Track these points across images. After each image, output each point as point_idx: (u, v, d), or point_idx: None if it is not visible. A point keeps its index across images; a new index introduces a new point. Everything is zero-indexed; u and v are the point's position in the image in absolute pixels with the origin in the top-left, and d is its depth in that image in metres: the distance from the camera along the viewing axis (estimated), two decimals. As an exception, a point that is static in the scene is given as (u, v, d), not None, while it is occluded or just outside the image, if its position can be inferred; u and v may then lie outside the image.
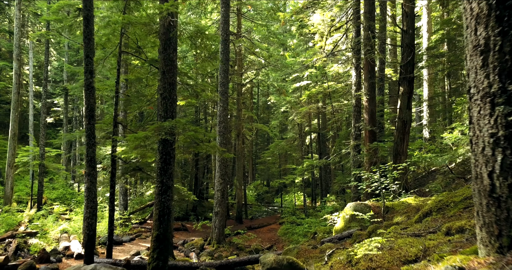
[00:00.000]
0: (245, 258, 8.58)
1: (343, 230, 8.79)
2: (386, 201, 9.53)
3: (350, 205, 9.00)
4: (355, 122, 13.44)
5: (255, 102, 45.70)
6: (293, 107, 26.35)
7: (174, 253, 13.30)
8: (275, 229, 20.15)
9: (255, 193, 35.20)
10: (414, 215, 7.48)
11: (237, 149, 22.31)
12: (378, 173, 8.63)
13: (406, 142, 12.54)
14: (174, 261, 9.15)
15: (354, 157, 13.18)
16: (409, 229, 4.95)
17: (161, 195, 7.01)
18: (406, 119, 12.49)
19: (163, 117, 7.11)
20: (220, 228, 14.56)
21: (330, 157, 17.88)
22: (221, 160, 14.71)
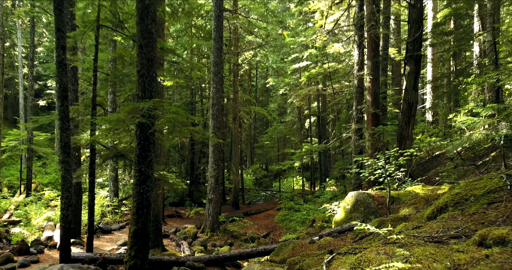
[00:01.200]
0: (236, 252, 7.86)
1: (344, 222, 8.06)
2: (391, 190, 8.77)
3: (351, 195, 8.23)
4: (357, 105, 12.57)
5: (254, 85, 44.67)
6: (292, 90, 25.38)
7: (165, 242, 12.65)
8: (273, 215, 19.53)
9: (253, 177, 34.57)
10: (423, 206, 6.71)
11: (234, 133, 21.50)
12: (383, 160, 7.84)
13: (411, 126, 11.71)
14: (159, 255, 8.45)
15: (356, 142, 12.37)
16: (423, 229, 4.16)
17: (139, 186, 6.22)
18: (412, 101, 11.63)
19: (141, 97, 6.25)
20: (214, 215, 13.89)
21: (330, 141, 17.07)
22: (214, 145, 13.90)
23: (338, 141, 13.90)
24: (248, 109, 25.05)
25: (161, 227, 11.04)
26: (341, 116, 23.41)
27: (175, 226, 15.89)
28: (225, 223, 15.53)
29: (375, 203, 7.73)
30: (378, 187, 9.03)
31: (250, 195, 28.02)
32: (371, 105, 12.06)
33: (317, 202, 16.92)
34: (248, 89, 35.99)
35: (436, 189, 7.60)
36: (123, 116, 5.67)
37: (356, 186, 12.24)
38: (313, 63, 21.91)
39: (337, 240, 6.77)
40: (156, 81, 6.47)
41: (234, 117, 21.46)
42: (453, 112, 21.09)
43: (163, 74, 10.40)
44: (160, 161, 10.96)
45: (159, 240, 10.97)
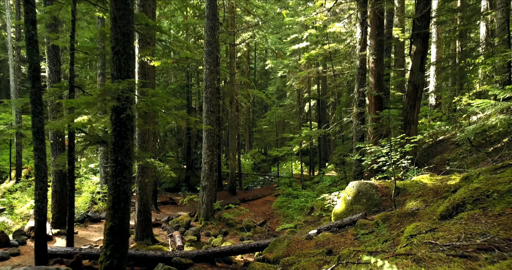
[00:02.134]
0: (227, 247, 7.25)
1: (344, 214, 7.42)
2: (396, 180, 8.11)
3: (352, 185, 7.57)
4: (359, 87, 11.80)
5: (252, 67, 43.65)
6: (291, 72, 24.49)
7: (157, 231, 12.10)
8: (270, 202, 18.99)
9: (252, 162, 34.00)
10: (432, 199, 6.05)
11: (231, 117, 20.75)
12: (388, 146, 7.15)
13: (417, 110, 10.98)
14: (144, 249, 7.85)
15: (357, 127, 11.66)
16: (440, 233, 3.48)
17: (116, 177, 5.54)
18: (418, 83, 10.86)
19: (116, 77, 5.49)
20: (208, 203, 13.30)
21: (330, 126, 16.34)
22: (208, 130, 13.19)
23: (339, 125, 13.19)
24: (246, 93, 24.23)
25: (150, 217, 10.45)
26: (342, 99, 22.62)
27: (169, 213, 15.34)
28: (220, 210, 14.98)
29: (378, 194, 7.08)
30: (381, 176, 8.37)
31: (248, 180, 27.49)
32: (374, 87, 11.29)
33: (316, 188, 16.34)
34: (247, 71, 35.05)
35: (446, 179, 6.94)
36: (92, 99, 4.94)
37: (357, 173, 11.59)
38: (313, 43, 20.97)
39: (336, 236, 6.14)
40: (134, 59, 5.70)
41: (230, 101, 20.67)
42: (458, 95, 20.31)
43: (150, 53, 9.60)
44: (148, 147, 10.28)
45: (149, 230, 10.40)
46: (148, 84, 10.24)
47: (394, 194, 6.37)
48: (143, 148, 10.16)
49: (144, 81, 8.35)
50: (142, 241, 10.20)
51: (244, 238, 12.45)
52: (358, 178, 11.60)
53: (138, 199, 10.24)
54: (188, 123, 6.61)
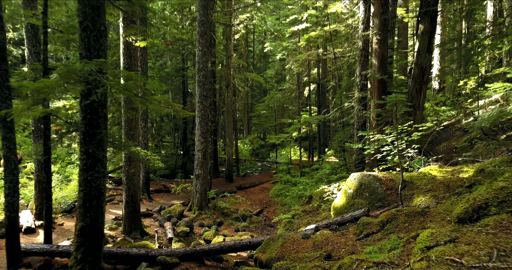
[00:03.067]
0: (217, 245, 6.66)
1: (345, 209, 6.81)
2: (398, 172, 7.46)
3: (354, 176, 6.93)
4: (361, 70, 11.04)
5: (251, 50, 42.60)
6: (290, 54, 23.57)
7: (147, 222, 11.55)
8: (268, 189, 18.45)
9: (250, 147, 33.39)
10: (444, 195, 5.41)
11: (227, 102, 19.99)
12: (393, 135, 6.48)
13: (423, 94, 10.28)
14: (128, 247, 7.26)
15: (359, 112, 10.96)
16: (463, 247, 2.84)
17: (87, 171, 4.88)
18: (425, 65, 10.11)
19: (85, 57, 4.78)
20: (202, 192, 12.72)
21: (330, 111, 15.64)
22: (201, 116, 12.49)
23: (339, 111, 12.48)
24: (243, 76, 23.41)
25: (138, 208, 9.87)
26: (343, 83, 21.82)
27: (162, 202, 14.79)
28: (215, 199, 14.42)
29: (382, 188, 6.44)
30: (385, 167, 7.73)
31: (245, 167, 26.94)
32: (377, 70, 10.54)
33: (315, 176, 15.76)
34: (245, 54, 34.07)
35: (457, 171, 6.29)
36: (51, 82, 4.23)
37: (358, 161, 10.96)
38: (313, 25, 20.04)
39: (336, 235, 5.53)
40: (106, 36, 4.95)
41: (227, 85, 19.88)
42: (464, 79, 19.52)
43: (134, 33, 8.82)
44: (135, 135, 9.60)
45: (137, 222, 9.83)
46: (134, 67, 9.49)
47: (400, 188, 5.73)
48: (130, 135, 9.49)
49: (107, 62, 7.62)
50: (130, 234, 9.65)
51: (239, 229, 11.92)
52: (359, 167, 10.98)
53: (125, 189, 9.64)
54: (173, 110, 5.91)
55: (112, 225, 10.12)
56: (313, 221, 11.13)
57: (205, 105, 12.48)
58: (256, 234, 11.33)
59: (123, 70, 5.08)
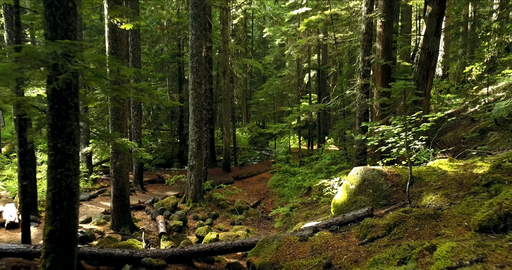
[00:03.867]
0: (206, 247, 6.14)
1: (346, 206, 6.26)
2: (404, 166, 6.90)
3: (356, 171, 6.37)
4: (364, 55, 10.36)
5: (250, 36, 41.65)
6: (289, 40, 22.75)
7: (139, 215, 11.07)
8: (266, 179, 17.96)
9: (249, 135, 32.82)
10: (457, 194, 4.85)
11: (224, 89, 19.33)
12: (400, 126, 5.91)
13: (430, 81, 9.65)
14: (110, 247, 6.73)
15: (361, 100, 10.33)
16: None
17: (55, 169, 4.31)
18: (433, 50, 9.46)
19: (50, 38, 4.16)
20: (196, 184, 12.20)
21: (331, 99, 15.00)
22: (195, 104, 11.87)
23: (340, 99, 11.85)
24: (241, 62, 22.66)
25: (128, 202, 9.34)
26: (343, 69, 21.11)
27: (156, 193, 14.29)
28: (210, 190, 13.91)
29: (387, 184, 5.89)
30: (389, 160, 7.15)
31: (244, 155, 26.42)
32: (382, 55, 9.88)
33: (315, 166, 15.22)
34: (244, 40, 33.17)
35: (470, 166, 5.73)
36: (4, 66, 3.62)
37: (360, 152, 10.39)
38: (313, 8, 19.20)
39: (337, 237, 5.00)
40: (75, 15, 4.32)
41: (223, 71, 19.18)
42: (470, 65, 18.82)
43: (119, 14, 8.14)
44: (123, 125, 9.01)
45: (126, 217, 9.32)
46: (121, 52, 8.83)
47: (408, 185, 5.17)
48: (117, 125, 8.89)
49: (74, 43, 6.98)
50: (119, 229, 9.15)
51: (235, 222, 11.45)
52: (361, 158, 10.42)
53: (113, 182, 9.09)
54: (155, 99, 5.29)
55: (100, 219, 9.62)
56: (312, 215, 10.64)
57: (199, 92, 11.84)
58: (252, 228, 10.86)
59: (95, 53, 4.51)
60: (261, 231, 10.81)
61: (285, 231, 10.30)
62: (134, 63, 13.80)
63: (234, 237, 8.98)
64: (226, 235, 8.96)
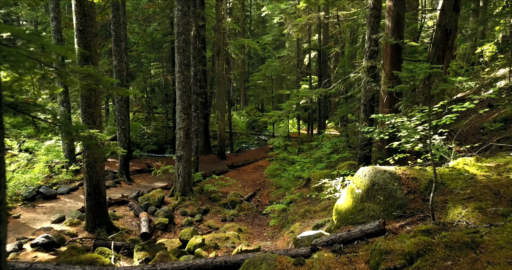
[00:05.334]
0: (182, 265, 5.09)
1: (351, 215, 5.22)
2: (423, 166, 5.84)
3: (364, 172, 5.30)
4: (371, 33, 9.13)
5: (248, 15, 39.99)
6: (288, 18, 21.33)
7: (121, 212, 10.08)
8: (263, 167, 16.97)
9: (247, 119, 31.67)
10: (495, 208, 3.80)
11: (218, 71, 18.07)
12: (418, 118, 4.81)
13: (446, 63, 8.47)
14: (65, 264, 5.69)
15: (367, 85, 9.17)
16: None
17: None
18: (451, 27, 8.23)
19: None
20: (185, 176, 11.18)
21: (332, 82, 13.80)
22: (182, 88, 10.71)
23: (342, 83, 10.65)
24: (237, 42, 21.30)
25: (103, 200, 8.32)
26: (346, 50, 19.81)
27: (143, 185, 13.30)
28: (202, 181, 12.90)
29: (402, 190, 4.82)
30: (402, 156, 6.08)
31: (241, 141, 25.37)
32: (391, 33, 8.65)
33: (314, 156, 14.17)
34: (242, 19, 31.62)
35: (505, 168, 4.65)
36: None
37: (364, 143, 9.30)
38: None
39: (341, 261, 3.97)
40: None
41: (218, 52, 17.88)
42: (482, 45, 17.53)
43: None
44: (96, 113, 7.88)
45: (103, 217, 8.33)
46: (91, 29, 7.62)
47: (432, 196, 4.09)
48: (89, 114, 7.77)
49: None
50: (94, 230, 8.17)
51: (227, 219, 10.49)
52: (366, 149, 9.35)
53: (86, 179, 8.05)
54: (100, 84, 4.16)
55: (74, 219, 8.62)
56: (311, 212, 9.65)
57: (186, 75, 10.66)
58: (245, 226, 9.90)
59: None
60: (254, 229, 9.86)
61: (281, 230, 9.33)
62: (116, 42, 12.55)
63: (223, 240, 8.01)
64: (214, 238, 7.98)
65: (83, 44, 7.55)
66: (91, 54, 7.65)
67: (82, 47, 7.56)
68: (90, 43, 7.61)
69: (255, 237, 9.21)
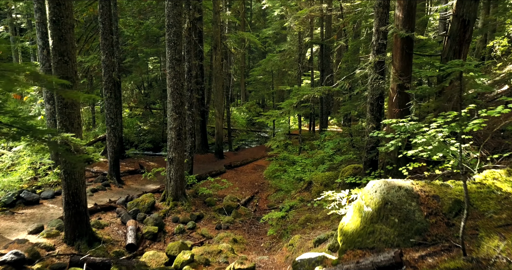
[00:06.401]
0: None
1: (359, 237, 4.44)
2: (436, 177, 5.07)
3: (374, 188, 4.51)
4: (379, 25, 8.29)
5: (249, 8, 39.04)
6: (289, 10, 20.42)
7: (107, 219, 9.32)
8: (262, 167, 16.21)
9: (247, 115, 30.84)
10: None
11: (215, 65, 17.23)
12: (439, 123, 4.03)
13: (463, 58, 7.62)
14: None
15: (374, 82, 8.34)
16: None
17: None
18: (469, 17, 7.41)
19: None
20: (177, 179, 10.42)
21: (335, 79, 12.97)
22: (174, 85, 9.91)
23: (348, 80, 9.82)
24: (235, 36, 20.42)
25: (84, 209, 7.56)
26: (349, 43, 18.89)
27: (135, 187, 12.54)
28: (196, 184, 12.13)
29: (421, 211, 4.03)
30: (417, 166, 5.29)
31: (240, 138, 24.59)
32: (402, 25, 7.80)
33: (316, 157, 13.38)
34: (242, 12, 30.73)
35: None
36: None
37: (371, 146, 8.51)
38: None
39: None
40: None
41: (215, 46, 17.02)
42: (493, 40, 16.66)
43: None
44: (73, 114, 7.09)
45: (83, 227, 7.58)
46: (66, 19, 6.81)
47: (463, 224, 3.30)
48: (65, 115, 6.99)
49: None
50: (73, 243, 7.43)
51: (222, 226, 9.75)
52: (372, 153, 8.55)
53: (64, 186, 7.29)
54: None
55: (52, 230, 7.87)
56: (312, 220, 8.88)
57: (178, 71, 9.85)
58: (241, 235, 9.16)
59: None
60: (251, 238, 9.11)
61: (279, 240, 8.58)
62: (104, 35, 11.72)
63: (215, 254, 7.25)
64: (205, 252, 7.22)
65: (58, 37, 6.75)
66: (67, 48, 6.84)
67: (56, 40, 6.76)
68: (65, 36, 6.80)
69: (251, 248, 8.46)
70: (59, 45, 6.77)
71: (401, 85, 7.86)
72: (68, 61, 6.89)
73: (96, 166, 14.34)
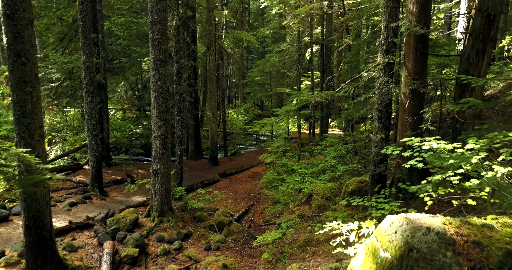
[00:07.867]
0: None
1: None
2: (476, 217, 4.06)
3: (393, 227, 3.47)
4: (389, 21, 7.28)
5: (247, 7, 38.08)
6: (288, 8, 19.41)
7: (82, 240, 8.28)
8: (259, 175, 15.18)
9: (246, 117, 29.84)
10: None
11: (209, 66, 16.19)
12: (481, 145, 2.99)
13: (487, 58, 6.62)
14: None
15: (383, 86, 7.32)
16: None
17: None
18: (494, 12, 6.39)
19: None
20: (162, 194, 9.39)
21: (335, 81, 11.94)
22: (158, 88, 8.88)
23: (352, 84, 8.76)
24: (231, 35, 19.40)
25: (49, 234, 6.53)
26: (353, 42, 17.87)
27: (119, 200, 11.51)
28: (184, 196, 11.09)
29: (461, 265, 2.99)
30: (442, 192, 4.26)
31: (237, 142, 23.56)
32: (416, 21, 6.78)
33: (317, 166, 12.34)
34: (240, 11, 29.72)
35: None
36: None
37: (380, 159, 7.48)
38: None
39: None
40: None
41: (209, 45, 15.99)
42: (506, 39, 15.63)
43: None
44: (33, 124, 6.06)
45: (47, 255, 6.54)
46: (22, 13, 5.78)
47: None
48: (24, 125, 5.95)
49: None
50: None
51: (211, 247, 8.71)
52: (381, 167, 7.52)
53: (23, 208, 6.26)
54: None
55: (13, 257, 6.84)
56: (313, 242, 7.87)
57: (162, 73, 8.83)
58: (233, 258, 8.12)
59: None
60: (244, 262, 8.07)
61: (275, 266, 7.54)
62: (85, 34, 10.69)
63: (200, 287, 6.22)
64: (188, 285, 6.19)
65: (13, 34, 5.72)
66: (25, 47, 5.82)
67: (11, 38, 5.73)
68: (22, 33, 5.78)
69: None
70: (14, 44, 5.75)
71: (415, 90, 6.85)
72: (26, 62, 5.87)
73: (80, 176, 13.32)
